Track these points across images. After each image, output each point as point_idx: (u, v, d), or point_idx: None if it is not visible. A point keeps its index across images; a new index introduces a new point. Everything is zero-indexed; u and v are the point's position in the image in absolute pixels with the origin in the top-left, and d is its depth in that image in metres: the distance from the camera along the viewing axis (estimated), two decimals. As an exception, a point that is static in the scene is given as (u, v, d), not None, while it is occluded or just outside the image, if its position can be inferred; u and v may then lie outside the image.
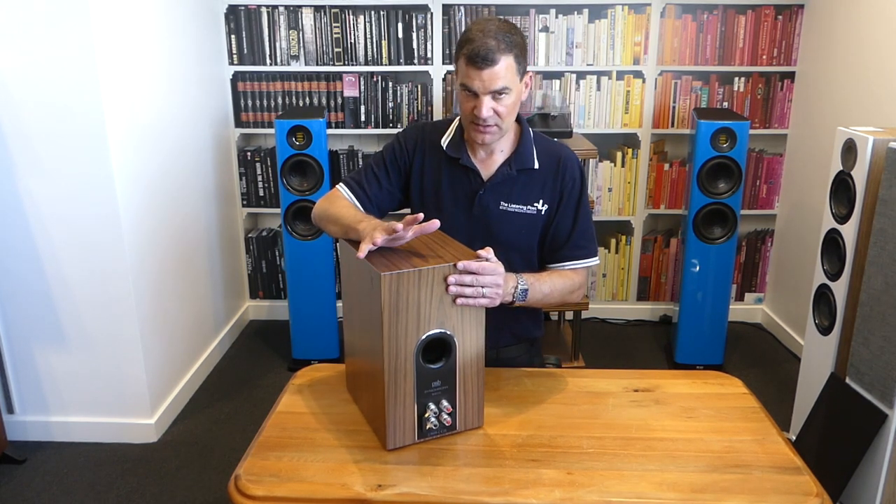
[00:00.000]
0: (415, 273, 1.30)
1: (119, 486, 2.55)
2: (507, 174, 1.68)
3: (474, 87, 1.55)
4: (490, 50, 1.51)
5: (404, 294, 1.30)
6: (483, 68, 1.52)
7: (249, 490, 1.27)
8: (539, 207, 1.70)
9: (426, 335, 1.34)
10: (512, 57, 1.54)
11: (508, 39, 1.54)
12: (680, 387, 1.62)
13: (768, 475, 1.30)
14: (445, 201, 1.71)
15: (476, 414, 1.43)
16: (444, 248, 1.43)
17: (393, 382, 1.34)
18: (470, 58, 1.53)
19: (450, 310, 1.35)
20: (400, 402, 1.35)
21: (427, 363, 1.36)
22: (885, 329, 2.14)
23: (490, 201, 1.69)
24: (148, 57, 2.82)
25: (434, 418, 1.38)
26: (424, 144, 1.74)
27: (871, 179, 2.27)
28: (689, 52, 3.57)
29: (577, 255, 1.71)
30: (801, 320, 3.40)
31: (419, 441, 1.39)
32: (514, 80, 1.56)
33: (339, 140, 3.76)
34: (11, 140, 2.50)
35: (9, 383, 2.76)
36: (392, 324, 1.31)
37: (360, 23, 3.54)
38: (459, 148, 1.71)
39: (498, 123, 1.59)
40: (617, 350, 3.62)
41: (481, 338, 1.40)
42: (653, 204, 3.76)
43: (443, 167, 1.72)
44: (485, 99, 1.55)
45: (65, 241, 2.60)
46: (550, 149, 1.72)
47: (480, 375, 1.41)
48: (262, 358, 3.54)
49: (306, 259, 3.28)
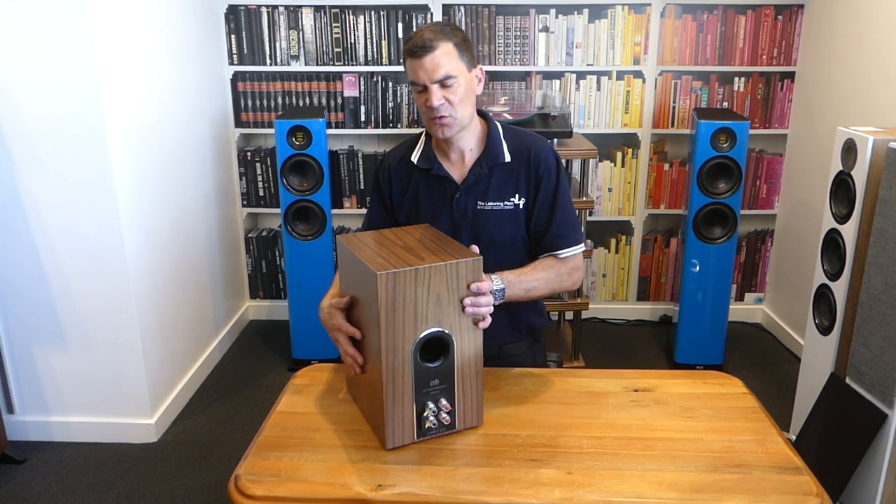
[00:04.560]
0: (411, 272, 1.30)
1: (119, 486, 2.55)
2: (480, 173, 1.70)
3: (420, 78, 1.58)
4: (426, 39, 1.57)
5: (401, 293, 1.30)
6: (422, 55, 1.57)
7: (249, 490, 1.27)
8: (516, 202, 1.71)
9: (424, 334, 1.34)
10: (451, 44, 1.59)
11: (446, 30, 1.60)
12: (680, 387, 1.62)
13: (768, 475, 1.30)
14: (425, 213, 1.73)
15: (475, 413, 1.43)
16: (441, 246, 1.43)
17: (391, 381, 1.34)
18: (410, 51, 1.59)
19: (447, 308, 1.35)
20: (399, 401, 1.35)
21: (425, 362, 1.36)
22: (885, 329, 2.14)
23: (467, 203, 1.71)
24: (148, 57, 2.82)
25: (433, 417, 1.38)
26: (394, 169, 1.79)
27: (871, 179, 2.27)
28: (689, 52, 3.57)
29: (558, 245, 1.70)
30: (801, 320, 3.40)
31: (418, 440, 1.39)
32: (458, 68, 1.59)
33: (339, 140, 3.76)
34: (11, 140, 2.50)
35: (9, 383, 2.76)
36: (389, 323, 1.31)
37: (360, 23, 3.54)
38: (430, 158, 1.73)
39: (451, 114, 1.61)
40: (617, 350, 3.61)
41: (479, 336, 1.40)
42: (653, 204, 3.76)
43: (417, 181, 1.75)
44: (433, 88, 1.58)
45: (65, 242, 2.60)
46: (522, 141, 1.73)
47: (479, 374, 1.41)
48: (262, 358, 3.54)
49: (306, 259, 3.28)
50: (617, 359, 3.51)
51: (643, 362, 3.47)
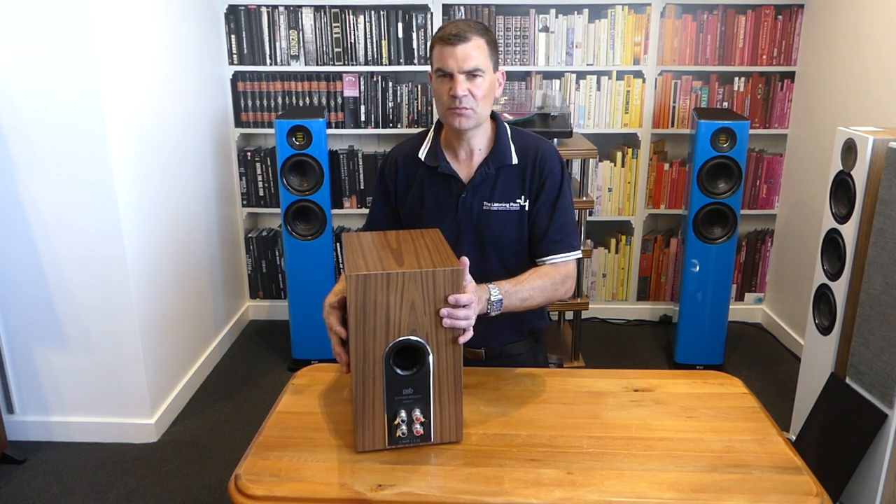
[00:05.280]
0: (383, 276, 1.28)
1: (119, 486, 2.55)
2: (487, 174, 1.69)
3: (448, 66, 1.59)
4: (461, 29, 1.58)
5: (371, 296, 1.28)
6: (456, 44, 1.57)
7: (249, 490, 1.26)
8: (521, 203, 1.70)
9: (396, 341, 1.31)
10: (484, 40, 1.60)
11: (479, 27, 1.62)
12: (680, 387, 1.62)
13: (768, 475, 1.30)
14: (430, 210, 1.72)
15: (454, 428, 1.38)
16: (431, 253, 1.39)
17: (361, 385, 1.32)
18: (443, 38, 1.59)
19: (422, 318, 1.31)
20: (369, 405, 1.33)
21: (403, 369, 1.33)
22: (885, 329, 2.14)
23: (473, 203, 1.70)
24: (148, 57, 2.82)
25: (404, 426, 1.35)
26: (400, 163, 1.77)
27: (871, 179, 2.27)
28: (689, 52, 3.57)
29: (554, 250, 1.69)
30: (801, 320, 3.40)
31: (389, 448, 1.36)
32: (486, 64, 1.61)
33: (339, 140, 3.76)
34: (11, 140, 2.50)
35: (9, 383, 2.76)
36: (359, 325, 1.29)
37: (360, 23, 3.54)
38: (437, 156, 1.72)
39: (473, 107, 1.61)
40: (617, 350, 3.61)
41: (458, 350, 1.35)
42: (653, 204, 3.77)
43: (423, 178, 1.74)
44: (460, 77, 1.58)
45: (65, 242, 2.60)
46: (528, 143, 1.73)
47: (458, 388, 1.36)
48: (262, 358, 3.54)
49: (306, 259, 3.28)
50: (617, 359, 3.51)
51: (643, 362, 3.47)
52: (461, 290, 1.33)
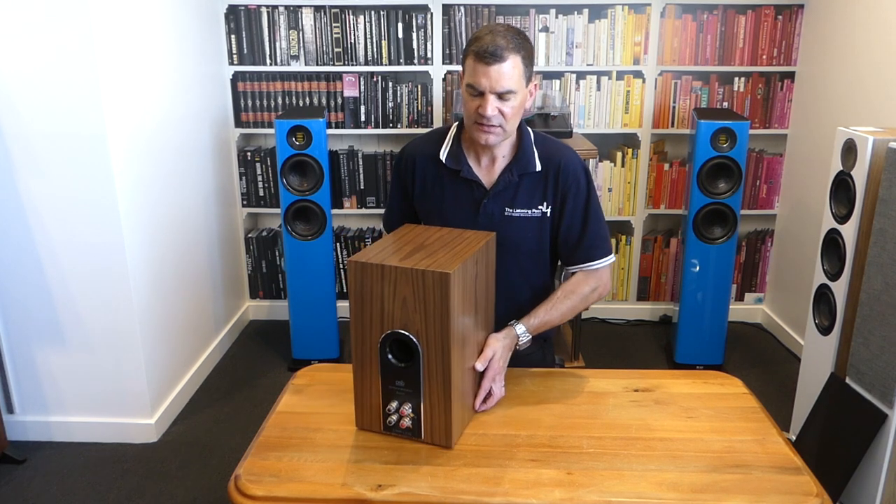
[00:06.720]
0: (378, 267, 1.31)
1: (119, 486, 2.55)
2: (510, 180, 1.68)
3: (481, 85, 1.54)
4: (499, 47, 1.51)
5: (368, 285, 1.33)
6: (491, 63, 1.52)
7: (249, 490, 1.27)
8: (543, 210, 1.70)
9: (388, 332, 1.35)
10: (520, 58, 1.55)
11: (517, 41, 1.55)
12: (680, 387, 1.62)
13: (768, 475, 1.30)
14: (450, 213, 1.71)
15: (443, 432, 1.37)
16: (447, 254, 1.37)
17: (360, 366, 1.39)
18: (478, 54, 1.53)
19: (413, 315, 1.32)
20: (367, 386, 1.39)
21: (400, 361, 1.36)
22: (885, 329, 2.14)
23: (495, 209, 1.69)
24: (148, 57, 2.82)
25: (394, 416, 1.38)
26: (418, 161, 1.75)
27: (871, 179, 2.27)
28: (689, 52, 3.57)
29: (592, 256, 1.71)
30: (801, 320, 3.40)
31: (384, 433, 1.41)
32: (520, 84, 1.57)
33: (339, 140, 3.76)
34: (11, 140, 2.50)
35: (9, 383, 2.76)
36: (357, 311, 1.35)
37: (360, 23, 3.54)
38: (459, 159, 1.70)
39: (502, 125, 1.59)
40: (617, 350, 3.61)
41: (448, 358, 1.33)
42: (653, 204, 3.76)
43: (444, 180, 1.72)
44: (490, 97, 1.55)
45: (65, 241, 2.60)
46: (552, 150, 1.71)
47: (447, 394, 1.34)
48: (262, 358, 3.54)
49: (306, 259, 3.28)
50: (617, 359, 3.51)
51: (643, 362, 3.47)
52: (447, 294, 1.27)
